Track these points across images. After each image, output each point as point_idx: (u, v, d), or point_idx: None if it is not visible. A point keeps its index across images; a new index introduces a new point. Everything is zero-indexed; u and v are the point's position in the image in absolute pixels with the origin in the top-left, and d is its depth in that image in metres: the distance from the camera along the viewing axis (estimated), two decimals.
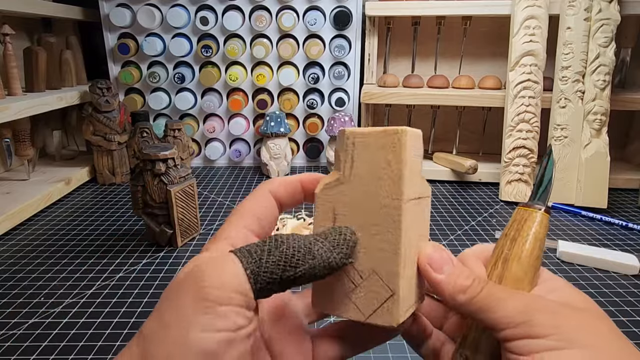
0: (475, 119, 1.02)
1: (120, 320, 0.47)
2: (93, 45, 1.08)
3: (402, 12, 0.91)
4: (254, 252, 0.22)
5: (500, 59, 0.98)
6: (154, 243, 0.64)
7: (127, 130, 0.92)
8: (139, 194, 0.61)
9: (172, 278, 0.57)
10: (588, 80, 0.78)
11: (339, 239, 0.24)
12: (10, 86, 0.78)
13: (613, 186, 0.86)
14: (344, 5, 0.95)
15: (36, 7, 0.84)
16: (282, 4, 0.96)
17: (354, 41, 0.98)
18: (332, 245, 0.24)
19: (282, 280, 0.22)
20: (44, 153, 0.99)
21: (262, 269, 0.22)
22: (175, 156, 0.62)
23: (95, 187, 0.89)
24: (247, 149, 1.05)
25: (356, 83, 1.00)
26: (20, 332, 0.45)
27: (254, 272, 0.22)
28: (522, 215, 0.26)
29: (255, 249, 0.23)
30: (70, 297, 0.51)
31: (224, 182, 0.93)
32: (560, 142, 0.79)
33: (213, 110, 1.00)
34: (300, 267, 0.22)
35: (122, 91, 1.02)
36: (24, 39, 0.94)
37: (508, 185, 0.82)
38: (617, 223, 0.71)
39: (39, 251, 0.62)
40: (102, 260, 0.59)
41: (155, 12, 0.94)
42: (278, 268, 0.22)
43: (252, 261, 0.22)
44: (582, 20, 0.77)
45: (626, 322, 0.47)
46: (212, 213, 0.76)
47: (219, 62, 1.00)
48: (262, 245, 0.23)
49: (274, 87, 1.02)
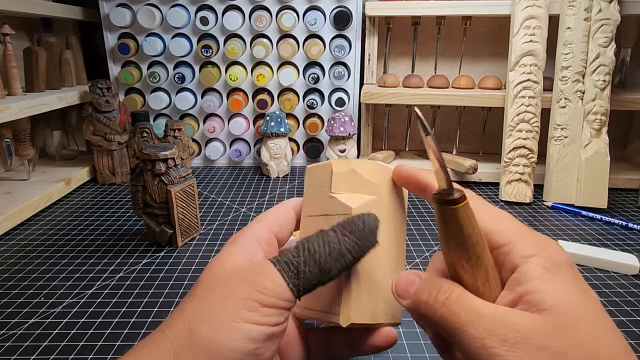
0: (475, 119, 1.02)
1: (120, 320, 0.47)
2: (93, 45, 1.08)
3: (402, 12, 0.91)
4: (292, 264, 0.24)
5: (500, 59, 0.98)
6: (154, 243, 0.64)
7: (127, 130, 0.92)
8: (139, 194, 0.61)
9: (174, 277, 0.56)
10: (588, 80, 0.78)
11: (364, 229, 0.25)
12: (10, 86, 0.78)
13: (613, 186, 0.86)
14: (344, 5, 0.95)
15: (36, 7, 0.84)
16: (282, 4, 0.96)
17: (354, 41, 0.98)
18: (359, 238, 0.25)
19: (318, 284, 0.25)
20: (44, 153, 0.99)
21: (300, 280, 0.24)
22: (175, 156, 0.62)
23: (96, 187, 0.89)
24: (247, 149, 1.05)
25: (356, 83, 1.00)
26: (20, 332, 0.45)
27: (295, 284, 0.24)
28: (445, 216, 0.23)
29: (292, 260, 0.25)
30: (70, 297, 0.51)
31: (224, 182, 0.93)
32: (560, 142, 0.79)
33: (213, 110, 1.00)
34: (333, 271, 0.25)
35: (122, 91, 1.02)
36: (24, 39, 0.94)
37: (508, 185, 0.82)
38: (617, 223, 0.71)
39: (39, 251, 0.62)
40: (102, 260, 0.59)
41: (155, 12, 0.94)
42: (314, 277, 0.24)
43: (292, 275, 0.24)
44: (582, 20, 0.77)
45: (626, 322, 0.47)
46: (212, 213, 0.76)
47: (219, 62, 1.00)
48: (297, 256, 0.25)
49: (274, 87, 1.02)
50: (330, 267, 0.24)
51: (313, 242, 0.25)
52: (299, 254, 0.25)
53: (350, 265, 0.25)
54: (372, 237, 0.25)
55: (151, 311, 0.48)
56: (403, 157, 1.02)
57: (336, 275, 0.25)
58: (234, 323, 0.22)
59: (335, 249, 0.25)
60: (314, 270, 0.24)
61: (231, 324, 0.22)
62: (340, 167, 0.30)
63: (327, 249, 0.25)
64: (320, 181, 0.31)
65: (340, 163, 0.30)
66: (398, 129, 1.07)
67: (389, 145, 1.07)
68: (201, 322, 0.23)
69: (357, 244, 0.25)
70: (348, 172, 0.29)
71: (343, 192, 0.29)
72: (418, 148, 1.07)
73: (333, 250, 0.24)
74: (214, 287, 0.24)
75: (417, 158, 1.02)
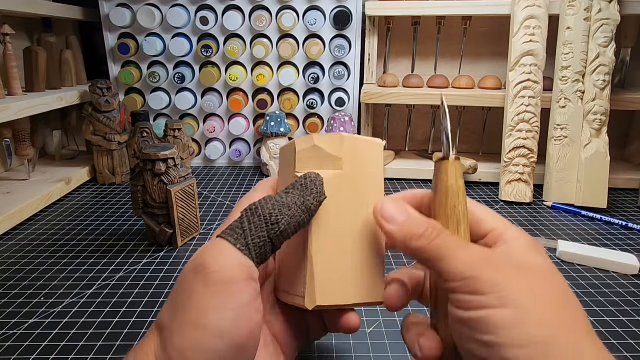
0: (475, 119, 1.02)
1: (120, 320, 0.47)
2: (93, 45, 1.08)
3: (402, 12, 0.91)
4: (237, 227, 0.24)
5: (500, 59, 0.98)
6: (154, 243, 0.64)
7: (127, 130, 0.92)
8: (139, 194, 0.61)
9: (174, 277, 0.57)
10: (588, 80, 0.78)
11: (306, 182, 0.26)
12: (10, 86, 0.78)
13: (613, 186, 0.86)
14: (344, 5, 0.95)
15: (36, 7, 0.84)
16: (282, 4, 0.96)
17: (354, 41, 0.98)
18: (303, 191, 0.26)
19: (272, 239, 0.24)
20: (44, 153, 0.99)
21: (249, 239, 0.24)
22: (175, 156, 0.62)
23: (96, 187, 0.89)
24: (247, 149, 1.05)
25: (356, 83, 1.00)
26: (20, 332, 0.45)
27: (244, 243, 0.23)
28: (436, 169, 0.27)
29: (236, 224, 0.24)
30: (70, 297, 0.51)
31: (224, 182, 0.93)
32: (560, 142, 0.79)
33: (213, 110, 1.00)
34: (281, 221, 0.24)
35: (122, 91, 1.02)
36: (24, 38, 0.94)
37: (508, 185, 0.82)
38: (617, 223, 0.71)
39: (39, 251, 0.62)
40: (102, 260, 0.59)
41: (155, 12, 0.94)
42: (262, 230, 0.24)
43: (237, 236, 0.24)
44: (582, 20, 0.77)
45: (626, 322, 0.47)
46: (212, 213, 0.76)
47: (219, 62, 1.00)
48: (240, 219, 0.25)
49: (274, 87, 1.02)
50: (277, 219, 0.24)
51: (256, 202, 0.25)
52: (242, 216, 0.25)
53: (300, 216, 0.25)
54: (315, 189, 0.26)
55: (151, 311, 0.48)
56: (403, 157, 1.02)
57: (286, 229, 0.25)
58: (204, 320, 0.22)
59: (278, 201, 0.25)
60: (259, 223, 0.24)
61: (201, 323, 0.21)
62: (303, 144, 0.29)
63: (270, 203, 0.25)
64: (287, 161, 0.30)
65: (304, 140, 0.29)
66: (398, 129, 1.07)
67: (389, 145, 1.07)
68: (175, 328, 0.22)
69: (301, 196, 0.25)
70: (311, 148, 0.28)
71: (306, 169, 0.28)
72: (418, 148, 1.07)
73: (276, 203, 0.25)
74: (180, 289, 0.24)
75: (417, 158, 1.02)
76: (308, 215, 0.26)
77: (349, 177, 0.28)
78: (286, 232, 0.25)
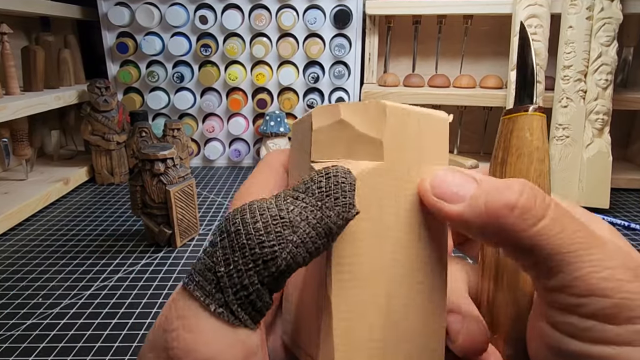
0: (476, 118, 1.02)
1: (119, 321, 0.46)
2: (91, 45, 1.07)
3: (403, 11, 0.91)
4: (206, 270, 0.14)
5: (502, 58, 0.98)
6: (152, 243, 0.63)
7: (125, 130, 0.92)
8: (137, 194, 0.61)
9: (173, 277, 0.56)
10: (590, 79, 0.77)
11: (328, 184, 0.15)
12: (8, 85, 0.77)
13: (615, 186, 0.85)
14: (344, 4, 0.95)
15: (34, 6, 0.84)
16: (281, 2, 0.95)
17: (354, 40, 0.97)
18: (320, 199, 0.15)
19: (267, 284, 0.14)
20: (42, 153, 0.98)
21: (228, 292, 0.14)
22: (174, 156, 0.61)
23: (94, 187, 0.89)
24: (246, 148, 1.04)
25: (356, 82, 1.00)
26: (18, 332, 0.44)
27: (221, 302, 0.14)
28: (507, 127, 0.20)
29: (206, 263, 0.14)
30: (68, 297, 0.50)
31: (224, 182, 0.92)
32: (562, 141, 0.79)
33: (212, 110, 1.00)
34: (281, 255, 0.14)
35: (120, 90, 1.01)
36: (21, 38, 0.93)
37: None
38: (619, 223, 0.71)
39: (37, 251, 0.61)
40: (101, 261, 0.59)
41: (154, 11, 0.93)
42: (249, 272, 0.14)
43: (211, 287, 0.14)
44: (584, 19, 0.77)
45: None
46: (212, 213, 0.75)
47: (218, 62, 0.99)
48: (211, 251, 0.14)
49: (274, 87, 1.01)
50: (273, 252, 0.14)
51: (236, 217, 0.14)
52: (214, 243, 0.15)
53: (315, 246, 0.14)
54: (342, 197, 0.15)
55: (150, 312, 0.48)
56: None
57: (289, 265, 0.14)
58: None
59: (277, 215, 0.14)
60: (242, 260, 0.14)
61: None
62: (323, 120, 0.17)
63: (262, 219, 0.14)
64: (300, 142, 0.19)
65: (325, 111, 0.18)
66: None
67: None
68: None
69: (316, 208, 0.15)
70: (335, 125, 0.17)
71: (327, 158, 0.17)
72: None
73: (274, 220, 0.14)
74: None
75: None
76: (327, 240, 0.15)
77: (394, 173, 0.17)
78: (290, 270, 0.14)
